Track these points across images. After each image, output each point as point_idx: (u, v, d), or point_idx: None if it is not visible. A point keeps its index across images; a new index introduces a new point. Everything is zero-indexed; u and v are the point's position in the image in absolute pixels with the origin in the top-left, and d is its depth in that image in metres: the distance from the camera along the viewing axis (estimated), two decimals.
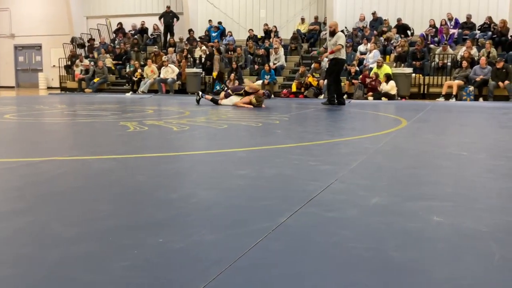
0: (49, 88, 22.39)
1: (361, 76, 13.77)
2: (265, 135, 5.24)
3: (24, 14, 23.77)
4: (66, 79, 19.08)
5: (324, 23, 17.78)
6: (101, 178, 2.93)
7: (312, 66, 14.50)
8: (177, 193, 2.55)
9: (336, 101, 10.56)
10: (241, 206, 2.31)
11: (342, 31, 16.82)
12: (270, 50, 16.24)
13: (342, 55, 10.31)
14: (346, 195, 2.53)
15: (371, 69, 14.04)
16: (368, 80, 13.45)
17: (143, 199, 2.44)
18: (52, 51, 23.05)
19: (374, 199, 2.44)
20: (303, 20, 17.94)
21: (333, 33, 10.16)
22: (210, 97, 10.51)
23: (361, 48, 15.45)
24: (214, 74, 15.57)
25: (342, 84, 14.18)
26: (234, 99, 9.86)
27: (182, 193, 2.57)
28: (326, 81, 11.19)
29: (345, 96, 13.91)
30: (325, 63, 14.68)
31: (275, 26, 17.92)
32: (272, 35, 17.44)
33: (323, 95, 14.06)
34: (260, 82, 14.62)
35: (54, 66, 22.17)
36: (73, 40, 20.52)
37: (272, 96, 14.52)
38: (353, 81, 13.90)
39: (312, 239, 1.86)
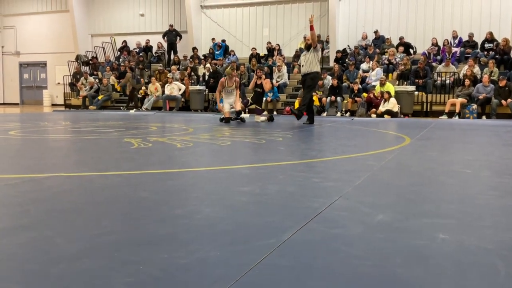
0: (53, 105, 22.53)
1: (366, 95, 13.82)
2: (269, 152, 5.25)
3: (29, 32, 24.05)
4: (70, 96, 19.22)
5: (327, 42, 17.93)
6: (105, 194, 2.93)
7: None
8: (181, 209, 2.55)
9: (300, 113, 9.73)
10: (246, 222, 2.31)
11: (344, 49, 17.07)
12: (273, 67, 16.34)
13: (316, 69, 9.68)
14: (350, 212, 2.52)
15: (373, 87, 14.12)
16: (372, 97, 13.52)
17: (147, 215, 2.44)
18: (57, 69, 23.26)
19: (378, 216, 2.44)
20: (305, 38, 18.07)
21: (309, 47, 9.67)
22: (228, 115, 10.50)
23: (364, 66, 15.55)
24: (128, 90, 16.91)
25: (345, 101, 14.27)
26: (227, 105, 10.25)
27: (186, 209, 2.57)
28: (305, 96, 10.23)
29: (347, 114, 13.99)
30: (328, 81, 14.78)
31: (278, 44, 18.07)
32: (275, 53, 17.58)
33: (326, 112, 14.11)
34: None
35: (58, 83, 22.34)
36: (78, 57, 20.71)
37: (275, 113, 14.57)
38: (356, 98, 13.95)
39: (317, 256, 1.85)
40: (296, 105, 14.47)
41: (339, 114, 14.00)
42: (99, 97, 17.47)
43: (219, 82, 10.55)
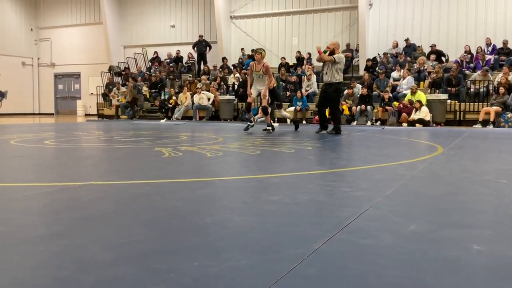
0: (86, 115, 23.04)
1: (397, 104, 13.66)
2: (298, 161, 5.23)
3: (64, 44, 24.73)
4: (103, 106, 19.62)
5: (357, 50, 17.82)
6: (137, 202, 2.97)
7: (345, 92, 14.47)
8: (211, 218, 2.57)
9: (338, 131, 9.62)
10: (275, 231, 2.31)
11: (375, 58, 16.91)
12: (302, 77, 16.33)
13: (338, 78, 9.49)
14: (381, 222, 2.49)
15: (404, 95, 13.95)
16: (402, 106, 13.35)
17: (178, 223, 2.46)
18: (90, 79, 23.82)
19: (410, 226, 2.40)
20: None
21: (332, 54, 9.50)
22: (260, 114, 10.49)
23: (394, 74, 15.38)
24: (129, 99, 17.56)
25: (375, 110, 14.14)
26: (255, 91, 10.24)
27: (217, 218, 2.58)
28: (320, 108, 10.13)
29: (378, 123, 13.85)
30: (357, 90, 14.68)
31: (309, 53, 18.03)
32: (305, 62, 17.56)
33: (356, 121, 14.00)
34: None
35: (92, 93, 22.85)
36: (110, 68, 21.16)
37: (304, 122, 14.53)
38: (387, 107, 13.81)
39: (347, 266, 1.83)
40: (326, 114, 14.38)
41: (369, 123, 13.87)
42: None
43: (249, 66, 10.62)
